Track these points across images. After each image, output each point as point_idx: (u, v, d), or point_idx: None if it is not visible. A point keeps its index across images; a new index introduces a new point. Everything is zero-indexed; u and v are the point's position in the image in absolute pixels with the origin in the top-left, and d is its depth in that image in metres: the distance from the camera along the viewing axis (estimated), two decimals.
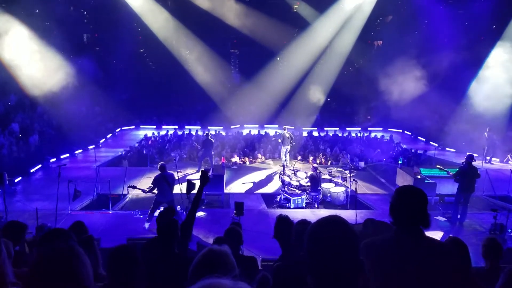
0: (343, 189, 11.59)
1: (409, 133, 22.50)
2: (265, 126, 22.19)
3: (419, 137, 21.49)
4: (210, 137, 14.74)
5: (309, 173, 11.80)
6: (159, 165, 9.29)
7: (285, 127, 15.72)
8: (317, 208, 11.11)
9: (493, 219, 8.87)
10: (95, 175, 11.84)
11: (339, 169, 13.18)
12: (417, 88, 19.08)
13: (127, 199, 11.54)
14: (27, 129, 16.51)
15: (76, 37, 22.57)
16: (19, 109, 17.84)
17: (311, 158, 16.34)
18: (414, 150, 17.78)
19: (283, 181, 12.03)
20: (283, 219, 3.74)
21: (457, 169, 10.01)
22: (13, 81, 16.34)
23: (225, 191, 11.97)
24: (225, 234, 4.39)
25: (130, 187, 9.60)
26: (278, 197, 11.61)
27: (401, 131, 22.82)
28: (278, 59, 24.70)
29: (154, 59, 26.92)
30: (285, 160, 14.91)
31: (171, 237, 3.70)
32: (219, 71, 23.70)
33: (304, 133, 20.59)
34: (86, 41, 26.27)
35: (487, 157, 16.34)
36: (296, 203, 11.03)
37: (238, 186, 13.16)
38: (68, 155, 16.17)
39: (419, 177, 11.35)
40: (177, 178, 9.90)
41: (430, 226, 2.31)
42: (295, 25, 23.88)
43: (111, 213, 10.21)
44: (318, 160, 16.37)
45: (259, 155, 16.89)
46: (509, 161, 16.35)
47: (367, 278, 2.02)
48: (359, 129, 22.23)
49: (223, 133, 20.54)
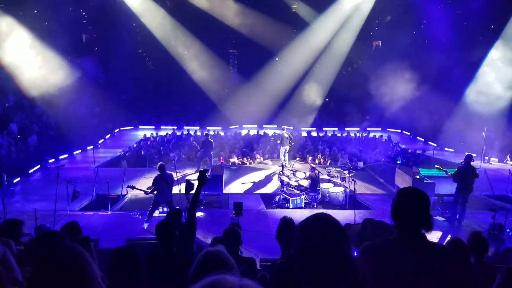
0: (342, 189, 11.60)
1: (408, 133, 22.52)
2: (264, 126, 22.18)
3: (417, 137, 21.48)
4: (209, 137, 14.75)
5: (308, 173, 11.81)
6: (158, 165, 9.30)
7: (284, 127, 15.70)
8: (316, 208, 11.10)
9: (491, 219, 8.86)
10: (94, 175, 11.85)
11: (338, 169, 13.21)
12: (416, 88, 19.11)
13: (126, 200, 11.54)
14: (25, 130, 16.47)
15: (75, 37, 22.50)
16: (17, 109, 17.78)
17: (309, 158, 16.35)
18: (412, 150, 17.79)
19: (282, 181, 12.03)
20: (287, 221, 3.75)
21: (456, 169, 10.03)
22: (11, 82, 16.32)
23: (224, 191, 11.97)
24: (224, 234, 4.37)
25: (129, 188, 9.58)
26: (277, 197, 11.60)
27: (399, 131, 22.82)
28: (277, 59, 24.69)
29: (153, 60, 26.91)
30: (284, 160, 14.90)
31: (170, 237, 3.70)
32: (218, 71, 23.72)
33: (303, 133, 20.60)
34: (85, 41, 26.20)
35: (486, 157, 16.36)
36: (295, 203, 11.04)
37: (237, 186, 13.15)
38: (66, 155, 16.16)
39: (417, 177, 11.33)
40: (176, 178, 9.90)
41: (432, 229, 2.28)
42: (293, 25, 23.85)
43: (110, 213, 10.20)
44: (316, 160, 16.38)
45: (258, 156, 16.88)
46: (508, 162, 16.37)
47: (363, 277, 2.02)
48: (358, 129, 22.19)
49: (222, 134, 20.54)
